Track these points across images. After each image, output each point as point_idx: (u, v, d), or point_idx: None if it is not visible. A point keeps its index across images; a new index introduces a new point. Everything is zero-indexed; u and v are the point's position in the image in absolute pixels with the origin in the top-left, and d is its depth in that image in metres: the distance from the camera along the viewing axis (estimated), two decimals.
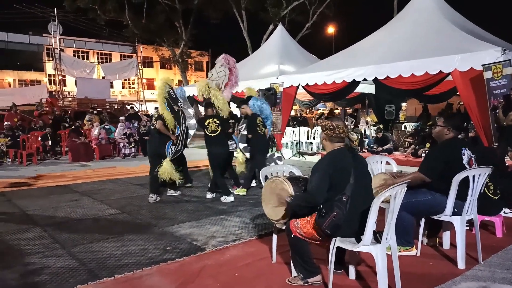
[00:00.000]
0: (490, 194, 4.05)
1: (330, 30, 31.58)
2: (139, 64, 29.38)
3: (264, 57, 13.39)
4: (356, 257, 3.27)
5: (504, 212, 4.42)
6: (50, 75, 36.19)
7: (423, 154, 9.05)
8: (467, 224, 3.84)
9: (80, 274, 3.37)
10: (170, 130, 6.28)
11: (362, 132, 13.11)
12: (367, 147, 11.44)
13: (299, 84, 10.32)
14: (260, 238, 4.30)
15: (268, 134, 7.02)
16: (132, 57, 32.56)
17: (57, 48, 25.27)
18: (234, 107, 8.41)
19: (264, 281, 3.20)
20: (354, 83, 9.35)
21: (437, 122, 3.76)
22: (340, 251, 3.03)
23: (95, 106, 18.68)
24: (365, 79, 8.93)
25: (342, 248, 2.89)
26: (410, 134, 11.83)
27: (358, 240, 2.81)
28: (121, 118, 13.70)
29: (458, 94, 9.06)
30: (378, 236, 2.76)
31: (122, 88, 41.79)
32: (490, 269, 3.37)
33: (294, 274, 3.14)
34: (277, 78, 10.99)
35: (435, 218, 3.57)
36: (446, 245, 3.88)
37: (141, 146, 12.71)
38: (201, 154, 9.38)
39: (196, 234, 4.46)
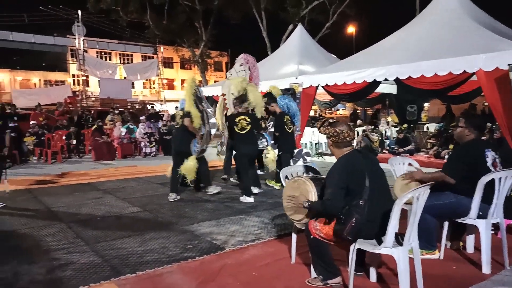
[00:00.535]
0: None
1: (351, 29, 31.19)
2: (160, 64, 29.81)
3: (283, 57, 13.32)
4: (377, 259, 3.23)
5: None
6: (74, 76, 37.02)
7: (446, 156, 8.88)
8: (492, 227, 3.75)
9: (103, 270, 3.45)
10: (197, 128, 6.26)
11: (383, 132, 12.95)
12: (388, 148, 11.28)
13: (319, 84, 10.25)
14: (279, 238, 4.31)
15: (296, 131, 6.97)
16: (153, 57, 33.08)
17: (80, 49, 25.83)
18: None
19: (283, 281, 3.21)
20: (375, 83, 9.21)
21: (458, 123, 3.69)
22: (360, 253, 3.00)
23: (117, 106, 19.01)
24: (386, 79, 8.81)
25: (363, 249, 2.87)
26: (433, 135, 11.61)
27: (379, 241, 2.78)
28: (141, 117, 13.93)
29: (482, 94, 8.83)
30: (400, 238, 2.72)
31: (143, 88, 42.39)
32: None
33: (314, 275, 3.13)
34: (296, 78, 10.91)
35: (459, 221, 3.50)
36: (470, 249, 3.80)
37: (161, 146, 12.91)
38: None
39: (215, 233, 4.50)
